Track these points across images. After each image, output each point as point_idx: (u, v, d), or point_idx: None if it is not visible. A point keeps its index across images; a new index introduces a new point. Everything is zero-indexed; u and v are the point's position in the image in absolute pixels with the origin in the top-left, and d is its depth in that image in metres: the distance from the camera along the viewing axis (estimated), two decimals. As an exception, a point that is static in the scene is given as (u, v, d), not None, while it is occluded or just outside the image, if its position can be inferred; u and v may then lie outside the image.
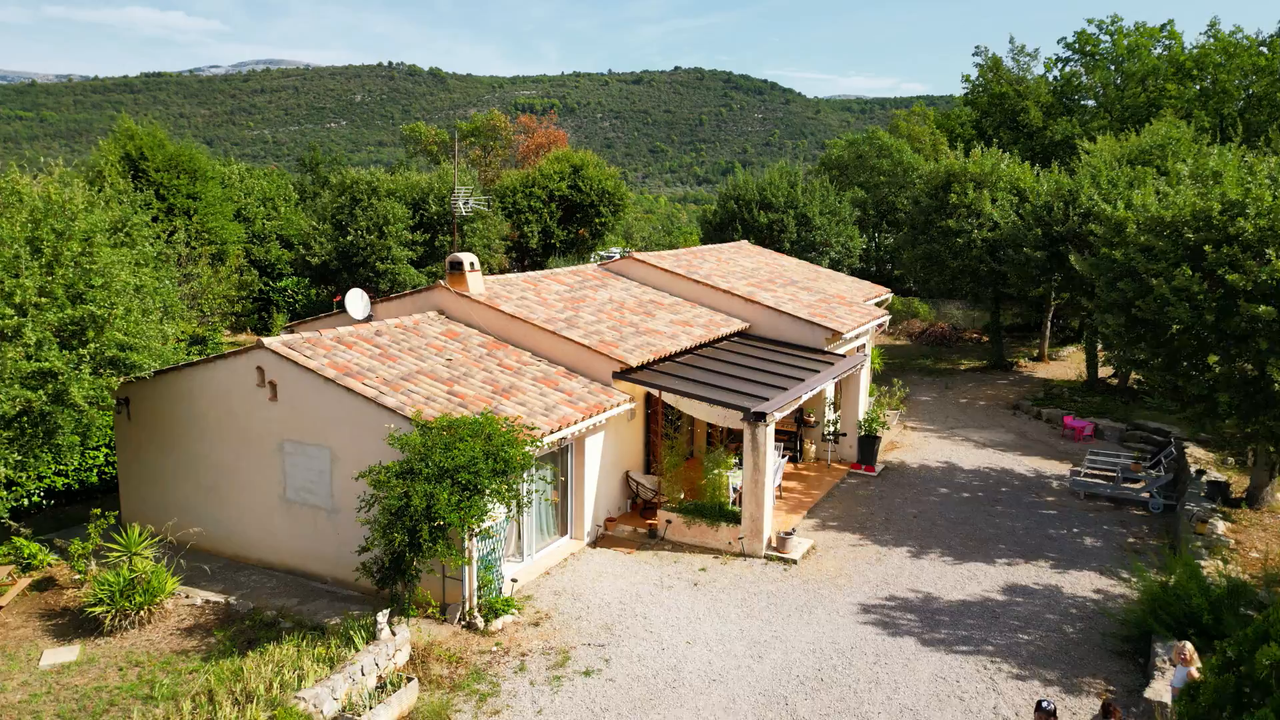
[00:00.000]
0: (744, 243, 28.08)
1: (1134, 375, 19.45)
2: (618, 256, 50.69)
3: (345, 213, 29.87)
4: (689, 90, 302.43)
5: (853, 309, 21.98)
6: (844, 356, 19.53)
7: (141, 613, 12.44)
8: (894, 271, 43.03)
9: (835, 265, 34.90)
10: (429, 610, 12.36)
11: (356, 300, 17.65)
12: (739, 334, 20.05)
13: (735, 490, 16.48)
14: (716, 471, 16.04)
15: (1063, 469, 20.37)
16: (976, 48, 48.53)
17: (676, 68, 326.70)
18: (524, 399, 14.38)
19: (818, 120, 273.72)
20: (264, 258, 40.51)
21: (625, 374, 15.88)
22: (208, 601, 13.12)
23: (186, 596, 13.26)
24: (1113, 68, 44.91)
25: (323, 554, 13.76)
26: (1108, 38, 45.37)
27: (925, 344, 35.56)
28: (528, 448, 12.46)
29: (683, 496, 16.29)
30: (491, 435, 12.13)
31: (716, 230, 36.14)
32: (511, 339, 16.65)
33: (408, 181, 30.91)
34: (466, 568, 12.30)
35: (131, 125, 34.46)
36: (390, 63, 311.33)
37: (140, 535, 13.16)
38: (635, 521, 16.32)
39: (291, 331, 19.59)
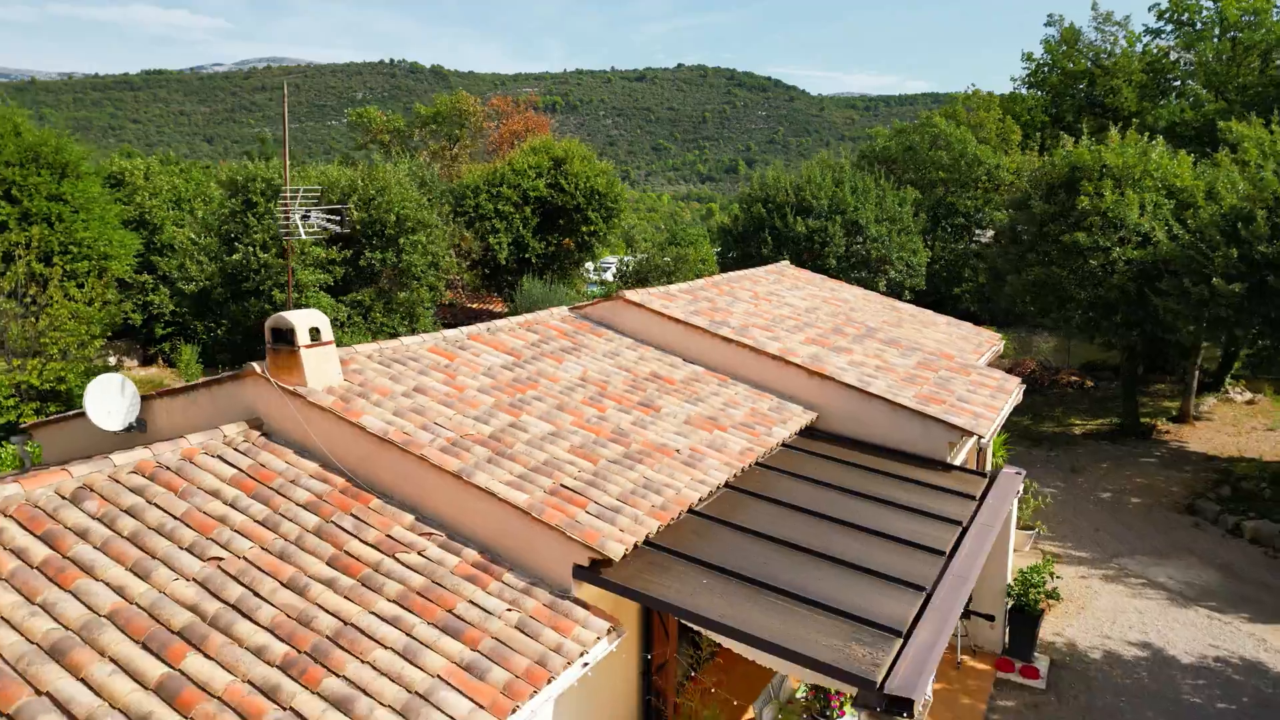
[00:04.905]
0: (786, 265, 19.92)
1: None
2: (613, 271, 42.35)
3: (236, 221, 21.74)
4: (692, 87, 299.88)
5: (973, 379, 13.81)
6: (983, 476, 11.41)
7: None
8: (954, 290, 34.80)
9: (895, 289, 26.78)
10: None
11: (108, 398, 9.51)
12: (804, 431, 11.94)
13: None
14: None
15: (1345, 660, 12.23)
16: (1049, 17, 40.07)
17: (680, 65, 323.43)
18: (357, 677, 6.24)
19: (822, 118, 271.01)
20: (173, 273, 32.66)
21: (600, 570, 7.78)
22: None
23: None
24: (1217, 39, 36.79)
25: None
26: (1211, 3, 37.31)
27: (1010, 390, 27.28)
28: None
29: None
30: None
31: (739, 242, 27.99)
32: (381, 486, 8.53)
33: (325, 179, 22.71)
34: None
35: (-18, 107, 26.49)
36: (392, 60, 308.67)
37: None
38: None
39: (26, 436, 11.53)
